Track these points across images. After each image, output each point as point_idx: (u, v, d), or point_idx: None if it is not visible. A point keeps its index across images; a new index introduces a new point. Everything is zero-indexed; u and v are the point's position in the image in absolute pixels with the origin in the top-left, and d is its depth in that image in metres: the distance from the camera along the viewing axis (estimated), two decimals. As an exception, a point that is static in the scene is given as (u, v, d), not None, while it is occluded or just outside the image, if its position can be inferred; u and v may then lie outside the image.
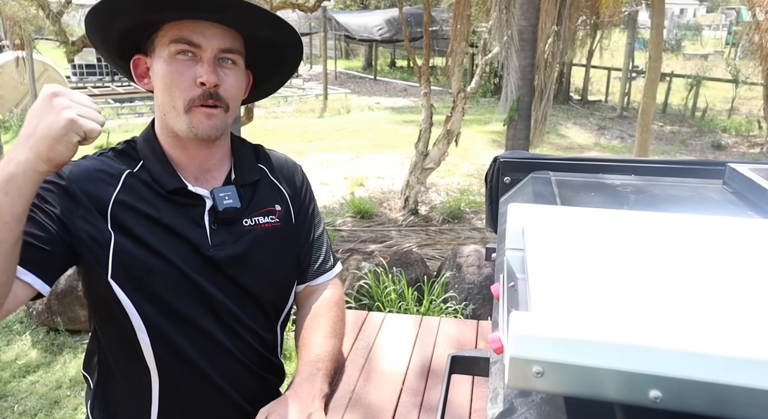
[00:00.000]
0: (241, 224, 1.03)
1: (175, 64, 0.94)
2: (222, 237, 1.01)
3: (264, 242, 1.05)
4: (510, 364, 0.38)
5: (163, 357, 0.98)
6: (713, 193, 0.93)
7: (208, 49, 0.94)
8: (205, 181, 1.03)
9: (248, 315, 1.05)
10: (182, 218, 0.99)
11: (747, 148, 8.93)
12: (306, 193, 1.17)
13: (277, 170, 1.14)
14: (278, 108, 11.33)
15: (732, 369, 0.34)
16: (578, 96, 12.88)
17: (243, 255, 1.02)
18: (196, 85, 0.94)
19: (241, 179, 1.06)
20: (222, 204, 1.00)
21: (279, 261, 1.08)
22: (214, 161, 1.04)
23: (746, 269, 0.50)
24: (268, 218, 1.06)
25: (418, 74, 5.32)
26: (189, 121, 0.95)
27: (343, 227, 4.98)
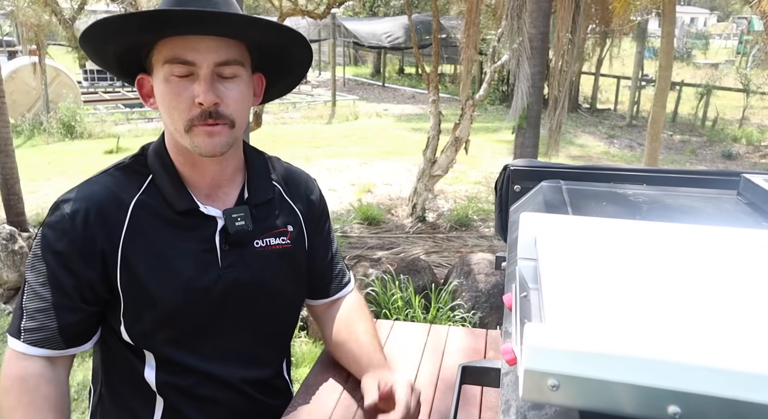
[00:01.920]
0: (252, 245, 1.00)
1: (172, 86, 0.89)
2: (232, 259, 0.98)
3: (275, 264, 1.03)
4: (525, 377, 0.37)
5: (168, 384, 0.98)
6: (727, 204, 0.92)
7: (204, 65, 0.88)
8: (216, 198, 0.99)
9: (257, 337, 1.04)
10: (193, 241, 0.96)
11: (758, 158, 8.86)
12: (322, 211, 1.14)
13: (293, 187, 1.10)
14: (287, 114, 11.37)
15: (756, 387, 0.33)
16: (587, 104, 12.84)
17: (253, 278, 1.00)
18: (194, 105, 0.89)
19: (254, 199, 1.02)
20: (234, 226, 0.97)
21: (289, 283, 1.07)
22: (225, 177, 1.00)
23: (764, 282, 0.49)
24: (279, 240, 1.03)
25: (427, 81, 5.32)
26: (191, 140, 0.91)
27: (350, 234, 4.97)
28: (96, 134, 8.84)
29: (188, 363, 0.97)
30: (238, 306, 1.00)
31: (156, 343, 0.96)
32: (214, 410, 1.00)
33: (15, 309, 0.94)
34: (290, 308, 1.11)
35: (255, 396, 1.04)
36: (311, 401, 1.00)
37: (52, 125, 8.69)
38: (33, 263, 0.93)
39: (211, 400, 1.00)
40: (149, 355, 0.97)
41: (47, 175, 6.60)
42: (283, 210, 1.06)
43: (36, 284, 0.92)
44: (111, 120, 9.85)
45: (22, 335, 0.91)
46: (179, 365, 0.97)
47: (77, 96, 9.63)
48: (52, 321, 0.91)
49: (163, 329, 0.95)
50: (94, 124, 9.17)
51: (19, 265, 3.67)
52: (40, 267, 0.92)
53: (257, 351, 1.04)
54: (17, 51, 12.38)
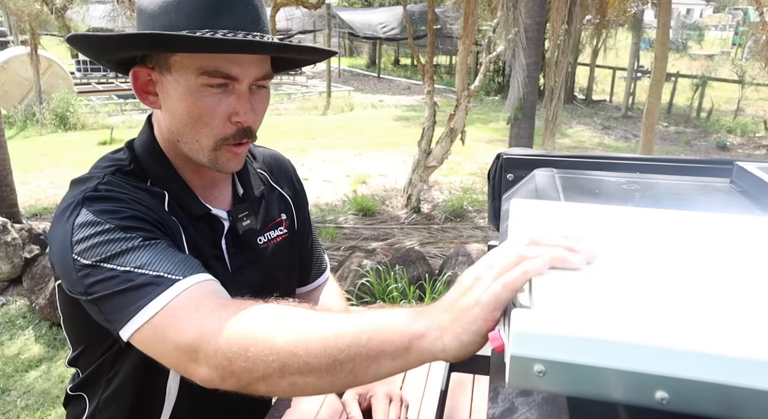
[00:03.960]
0: (255, 243, 0.96)
1: (206, 99, 0.79)
2: (240, 261, 0.93)
3: (278, 258, 1.00)
4: (511, 363, 0.37)
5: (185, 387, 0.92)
6: (720, 191, 0.92)
7: (245, 81, 0.80)
8: (214, 199, 0.93)
9: None
10: (205, 247, 0.89)
11: (752, 149, 8.88)
12: (303, 192, 1.12)
13: (276, 172, 1.06)
14: (281, 105, 11.31)
15: (743, 371, 0.32)
16: (583, 96, 12.83)
17: (261, 276, 0.96)
18: (230, 123, 0.82)
19: (250, 193, 0.97)
20: (242, 227, 0.92)
21: (290, 272, 1.04)
22: (220, 176, 0.95)
23: (755, 268, 0.49)
24: (278, 231, 1.00)
25: (422, 72, 5.30)
26: (215, 157, 0.84)
27: (345, 225, 4.96)
28: (89, 126, 8.77)
29: None
30: None
31: None
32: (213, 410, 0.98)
33: (129, 286, 0.69)
34: (290, 296, 1.08)
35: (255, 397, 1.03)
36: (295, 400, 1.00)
37: (45, 116, 8.62)
38: (99, 239, 0.72)
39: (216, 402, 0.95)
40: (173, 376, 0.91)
41: (40, 166, 6.55)
42: (274, 199, 1.03)
43: (126, 242, 0.72)
44: (105, 111, 9.78)
45: (165, 281, 0.69)
46: None
47: (70, 87, 9.55)
48: (178, 251, 0.75)
49: None
50: (87, 115, 9.10)
51: (12, 256, 3.65)
52: (112, 230, 0.73)
53: None
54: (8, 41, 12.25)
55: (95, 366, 0.93)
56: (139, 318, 0.67)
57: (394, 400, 0.91)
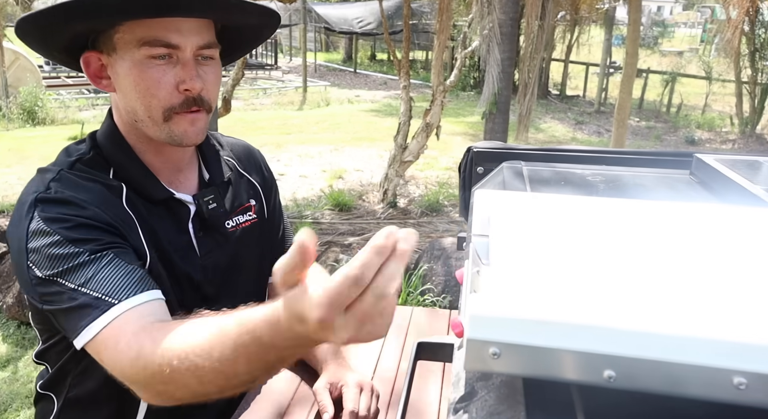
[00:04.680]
0: (223, 227, 0.97)
1: (150, 71, 0.81)
2: (209, 244, 0.95)
3: (247, 243, 1.01)
4: (467, 346, 0.38)
5: None
6: (680, 182, 0.95)
7: (188, 49, 0.81)
8: (179, 184, 0.94)
9: None
10: (172, 231, 0.90)
11: (719, 144, 9.11)
12: (272, 179, 1.13)
13: (244, 159, 1.08)
14: (257, 100, 11.21)
15: (682, 349, 0.34)
16: (557, 91, 12.99)
17: (231, 260, 0.97)
18: (177, 92, 0.82)
19: (217, 178, 0.98)
20: (207, 210, 0.93)
21: (261, 258, 1.05)
22: (185, 161, 0.96)
23: (702, 252, 0.51)
24: (247, 216, 1.01)
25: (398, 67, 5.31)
26: (170, 130, 0.84)
27: (321, 220, 4.95)
28: (59, 120, 8.57)
29: None
30: (218, 292, 0.97)
31: None
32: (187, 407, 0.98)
33: (72, 305, 0.73)
34: (261, 288, 1.09)
35: None
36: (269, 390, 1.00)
37: (12, 110, 8.38)
38: (49, 252, 0.75)
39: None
40: None
41: (7, 162, 6.38)
42: (242, 185, 1.04)
43: (73, 258, 0.74)
44: (75, 106, 9.56)
45: (112, 298, 0.72)
46: None
47: (38, 81, 9.30)
48: (123, 264, 0.76)
49: None
50: (57, 109, 8.88)
51: (-23, 255, 3.56)
52: (61, 242, 0.75)
53: None
54: (-28, 33, 11.87)
55: (62, 361, 0.92)
56: (83, 336, 0.72)
57: (364, 389, 0.92)
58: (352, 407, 0.88)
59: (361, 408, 0.89)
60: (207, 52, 0.84)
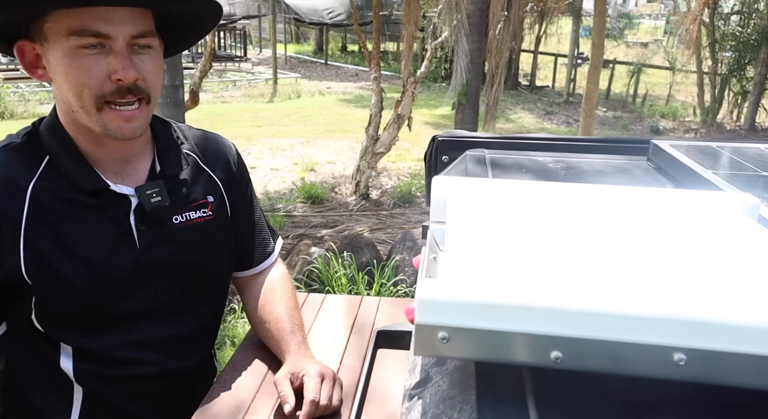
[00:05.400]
0: (171, 222, 0.95)
1: (81, 60, 0.79)
2: (151, 239, 0.92)
3: (197, 240, 0.98)
4: (416, 331, 0.38)
5: (88, 373, 0.93)
6: (637, 168, 0.96)
7: (119, 38, 0.80)
8: (126, 175, 0.92)
9: (184, 319, 1.00)
10: (105, 224, 0.89)
11: (683, 133, 9.34)
12: (242, 176, 1.10)
13: (208, 154, 1.04)
14: (226, 92, 11.03)
15: (623, 327, 0.34)
16: (526, 82, 13.12)
17: (175, 256, 0.95)
18: (110, 81, 0.81)
19: (168, 171, 0.96)
20: (150, 204, 0.91)
21: (214, 257, 1.03)
22: (134, 153, 0.93)
23: (652, 235, 0.52)
24: (200, 213, 0.99)
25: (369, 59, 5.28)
26: (103, 122, 0.83)
27: (293, 213, 4.92)
28: (19, 114, 8.28)
29: (110, 350, 0.93)
30: (163, 288, 0.95)
31: (73, 332, 0.91)
32: (139, 395, 0.97)
33: None
34: (218, 285, 1.08)
35: (184, 381, 1.02)
36: (234, 383, 0.99)
37: (-33, 104, 8.09)
38: None
39: (137, 386, 0.96)
40: (65, 344, 0.91)
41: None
42: (200, 180, 1.01)
43: None
44: (35, 99, 9.25)
45: None
46: (100, 352, 0.92)
47: (-5, 73, 8.98)
48: None
49: (80, 318, 0.90)
50: (16, 103, 8.59)
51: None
52: None
53: (186, 333, 1.01)
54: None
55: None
56: None
57: (326, 379, 0.91)
58: (313, 396, 0.88)
59: (322, 397, 0.89)
60: (143, 41, 0.83)
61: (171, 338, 0.99)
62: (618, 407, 0.39)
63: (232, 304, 3.11)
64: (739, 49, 9.64)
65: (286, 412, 0.88)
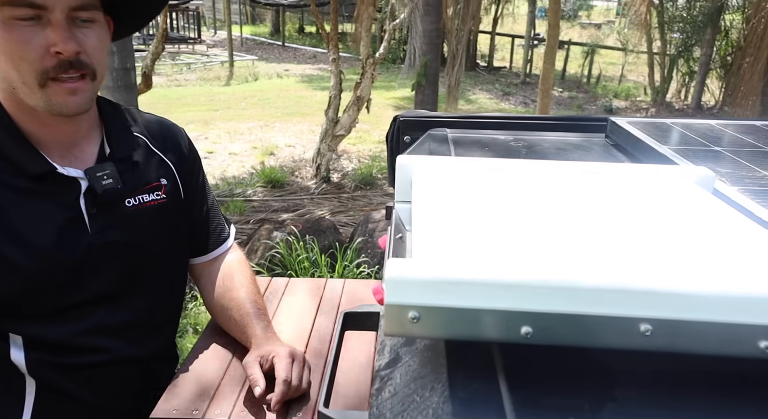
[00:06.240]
0: (123, 205, 0.92)
1: (16, 32, 0.76)
2: (102, 223, 0.89)
3: (152, 223, 0.96)
4: (386, 311, 0.37)
5: (42, 363, 0.89)
6: (596, 145, 0.98)
7: (56, 9, 0.76)
8: (73, 158, 0.89)
9: (142, 305, 0.97)
10: (53, 208, 0.86)
11: (634, 112, 9.62)
12: (194, 160, 1.07)
13: (159, 137, 1.01)
14: (180, 76, 10.69)
15: (591, 300, 0.35)
16: (484, 63, 13.20)
17: (130, 240, 0.92)
18: (49, 55, 0.77)
19: (118, 153, 0.92)
20: (101, 186, 0.88)
21: (170, 240, 1.00)
22: (81, 134, 0.90)
23: (613, 209, 0.52)
24: (153, 195, 0.96)
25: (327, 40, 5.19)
26: (47, 98, 0.80)
27: (253, 198, 4.84)
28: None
29: (65, 339, 0.89)
30: (118, 274, 0.92)
31: (24, 321, 0.87)
32: (95, 384, 0.94)
33: None
34: (175, 270, 1.05)
35: (142, 369, 0.99)
36: (198, 370, 0.97)
37: None
38: None
39: (93, 374, 0.93)
40: (15, 335, 0.87)
41: None
42: (152, 163, 0.98)
43: None
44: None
45: None
46: (54, 341, 0.89)
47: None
48: None
49: (30, 307, 0.87)
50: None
51: None
52: None
53: (143, 320, 0.98)
54: None
55: None
56: None
57: (296, 360, 0.91)
58: (285, 376, 0.87)
59: (294, 378, 0.88)
60: (84, 14, 0.80)
61: (128, 324, 0.95)
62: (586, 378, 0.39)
63: (194, 291, 3.05)
64: (686, 30, 9.94)
65: (257, 395, 0.87)
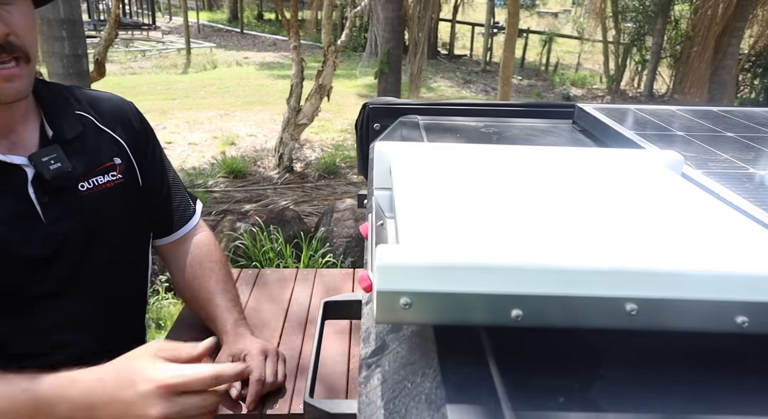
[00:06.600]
0: (77, 189, 0.87)
1: None
2: (57, 210, 0.84)
3: (110, 206, 0.91)
4: (378, 298, 0.37)
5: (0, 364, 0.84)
6: (564, 131, 1.00)
7: None
8: (13, 145, 0.83)
9: (106, 296, 0.93)
10: (2, 201, 0.80)
11: (591, 99, 9.86)
12: (146, 134, 1.01)
13: (106, 114, 0.95)
14: (135, 63, 10.34)
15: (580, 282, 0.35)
16: (445, 51, 13.26)
17: (88, 226, 0.87)
18: None
19: (63, 134, 0.87)
20: (49, 171, 0.82)
21: (131, 224, 0.96)
22: (17, 119, 0.84)
23: (591, 191, 0.53)
24: (109, 176, 0.91)
25: (287, 27, 5.10)
26: None
27: (215, 188, 4.74)
28: None
29: (24, 335, 0.85)
30: (78, 264, 0.87)
31: None
32: None
33: None
34: (138, 255, 1.00)
35: None
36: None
37: None
38: None
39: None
40: None
41: None
42: (102, 142, 0.92)
43: None
44: None
45: None
46: (12, 338, 0.85)
47: None
48: None
49: None
50: None
51: None
52: None
53: (109, 312, 0.94)
54: None
55: None
56: None
57: (269, 355, 0.89)
58: (258, 375, 0.85)
59: (268, 375, 0.87)
60: None
61: (89, 317, 0.91)
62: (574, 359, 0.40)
63: (155, 285, 2.97)
64: (639, 20, 10.22)
65: (234, 396, 0.85)
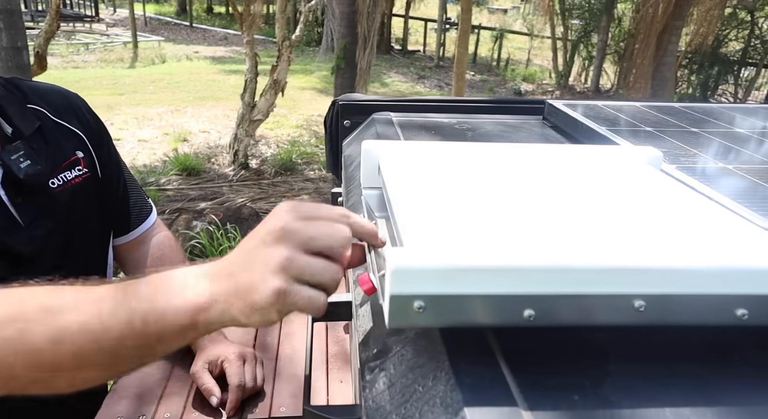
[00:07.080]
0: (49, 188, 0.82)
1: None
2: (33, 212, 0.79)
3: (83, 202, 0.86)
4: (390, 303, 0.36)
5: None
6: (535, 127, 1.01)
7: None
8: None
9: None
10: None
11: (541, 94, 10.10)
12: (99, 126, 0.95)
13: (59, 107, 0.89)
14: (78, 57, 9.88)
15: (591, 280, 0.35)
16: (399, 46, 13.29)
17: (63, 226, 0.82)
18: None
19: (24, 130, 0.81)
20: (20, 170, 0.77)
21: (100, 217, 0.90)
22: None
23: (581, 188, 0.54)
24: (75, 171, 0.86)
25: (240, 21, 4.98)
26: None
27: (168, 186, 4.59)
28: None
29: None
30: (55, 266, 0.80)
31: None
32: None
33: None
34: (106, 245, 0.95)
35: None
36: (141, 372, 0.90)
37: None
38: None
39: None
40: None
41: None
42: (61, 136, 0.87)
43: None
44: None
45: None
46: None
47: None
48: None
49: None
50: None
51: None
52: None
53: None
54: None
55: None
56: None
57: (247, 360, 0.87)
58: (238, 381, 0.83)
59: (248, 380, 0.85)
60: None
61: None
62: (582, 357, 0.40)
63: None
64: (585, 17, 10.54)
65: (214, 404, 0.82)
